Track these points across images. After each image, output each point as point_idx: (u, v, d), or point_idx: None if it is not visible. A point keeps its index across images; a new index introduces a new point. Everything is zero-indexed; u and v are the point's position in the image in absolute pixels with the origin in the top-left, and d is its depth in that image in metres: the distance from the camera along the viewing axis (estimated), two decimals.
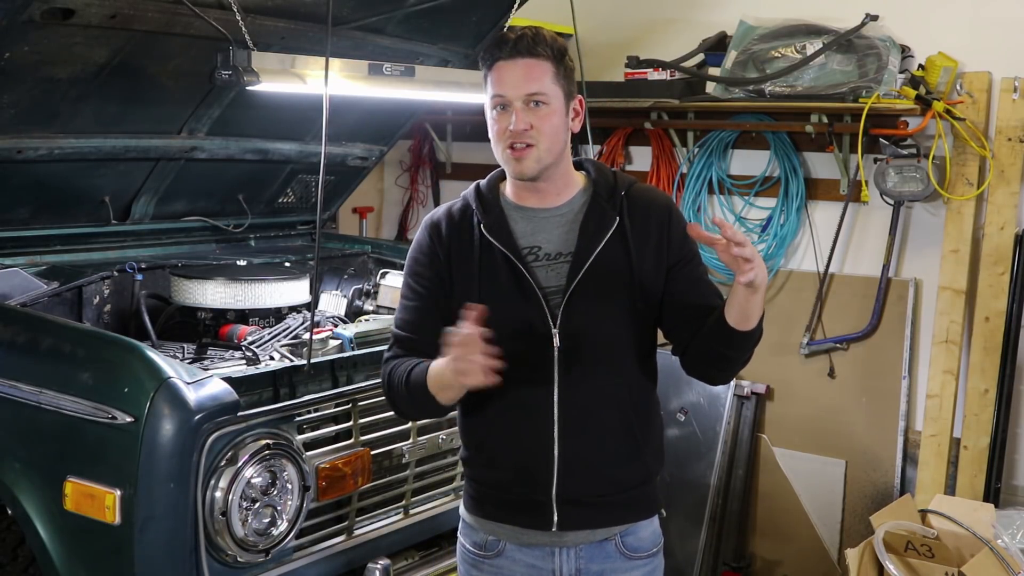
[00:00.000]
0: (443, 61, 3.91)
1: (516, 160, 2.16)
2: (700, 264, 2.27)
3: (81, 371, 2.54)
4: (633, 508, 2.26)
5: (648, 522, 2.29)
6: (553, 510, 2.20)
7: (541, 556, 2.23)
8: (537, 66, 2.15)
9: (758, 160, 4.47)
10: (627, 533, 2.25)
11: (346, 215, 5.09)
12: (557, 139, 2.17)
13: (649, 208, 2.24)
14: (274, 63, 3.09)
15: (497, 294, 2.18)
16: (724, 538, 4.40)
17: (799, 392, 4.40)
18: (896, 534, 3.53)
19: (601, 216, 2.21)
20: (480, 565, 2.29)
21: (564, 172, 2.24)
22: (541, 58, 2.16)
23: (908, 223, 4.22)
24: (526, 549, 2.24)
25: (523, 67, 2.15)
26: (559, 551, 2.22)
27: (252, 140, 3.78)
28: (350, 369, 2.90)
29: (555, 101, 2.17)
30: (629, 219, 2.21)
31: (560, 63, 2.18)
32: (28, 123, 3.10)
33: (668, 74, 4.39)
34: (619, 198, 2.23)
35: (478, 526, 2.30)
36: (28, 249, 3.34)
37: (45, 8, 2.71)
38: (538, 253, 2.20)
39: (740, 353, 2.19)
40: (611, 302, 2.18)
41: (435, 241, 2.26)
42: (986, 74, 4.01)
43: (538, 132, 2.14)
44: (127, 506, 2.38)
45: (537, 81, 2.15)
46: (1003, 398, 3.94)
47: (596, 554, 2.23)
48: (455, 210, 2.28)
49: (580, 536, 2.22)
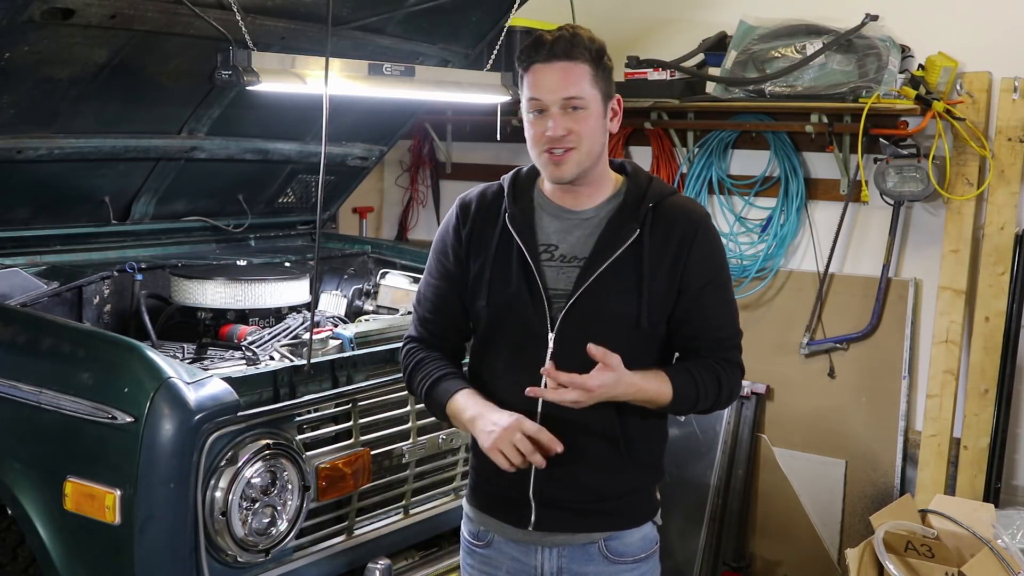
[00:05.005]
0: (443, 61, 3.91)
1: (555, 165, 2.14)
2: (719, 290, 2.19)
3: (81, 371, 2.54)
4: (615, 518, 2.22)
5: (636, 528, 2.25)
6: (531, 509, 2.19)
7: (524, 551, 2.24)
8: (575, 69, 2.12)
9: (758, 160, 4.47)
10: (612, 537, 2.22)
11: (346, 215, 5.09)
12: (596, 142, 2.16)
13: (674, 224, 2.17)
14: (274, 63, 3.08)
15: (505, 286, 2.18)
16: (724, 538, 4.40)
17: (799, 392, 4.40)
18: (896, 534, 3.53)
19: (623, 225, 2.16)
20: (473, 554, 2.32)
21: (600, 174, 2.21)
22: (579, 61, 2.12)
23: (908, 223, 4.22)
24: (512, 543, 2.25)
25: (560, 70, 2.11)
26: (541, 549, 2.22)
27: (252, 140, 3.78)
28: (350, 369, 2.89)
29: (593, 104, 2.14)
30: (650, 233, 2.15)
31: (599, 64, 2.14)
32: (28, 123, 3.10)
33: (668, 74, 4.39)
34: (645, 209, 2.17)
35: (472, 516, 2.33)
36: (28, 249, 3.34)
37: (45, 8, 2.71)
38: (553, 253, 2.19)
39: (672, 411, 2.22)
40: (613, 315, 2.14)
41: (460, 221, 2.27)
42: (986, 74, 4.01)
43: (577, 136, 2.12)
44: (127, 506, 2.38)
45: (575, 85, 2.11)
46: (1003, 398, 3.94)
47: (578, 555, 2.21)
48: (488, 193, 2.28)
49: (560, 538, 2.21)
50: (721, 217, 4.54)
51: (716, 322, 2.20)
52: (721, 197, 4.55)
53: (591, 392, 2.03)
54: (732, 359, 2.22)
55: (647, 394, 2.10)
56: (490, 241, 2.22)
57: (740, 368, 2.24)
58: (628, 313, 2.14)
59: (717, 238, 2.22)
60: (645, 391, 2.10)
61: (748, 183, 4.48)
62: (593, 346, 2.02)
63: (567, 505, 2.19)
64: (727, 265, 2.25)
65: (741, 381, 2.25)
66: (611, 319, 2.14)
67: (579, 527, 2.20)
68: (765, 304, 4.45)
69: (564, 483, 2.17)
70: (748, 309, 4.44)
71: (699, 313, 2.17)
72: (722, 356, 2.20)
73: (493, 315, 2.21)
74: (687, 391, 2.14)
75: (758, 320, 4.45)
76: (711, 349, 2.20)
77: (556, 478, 2.16)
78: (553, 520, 2.20)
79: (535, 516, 2.19)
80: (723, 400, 2.21)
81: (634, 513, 2.25)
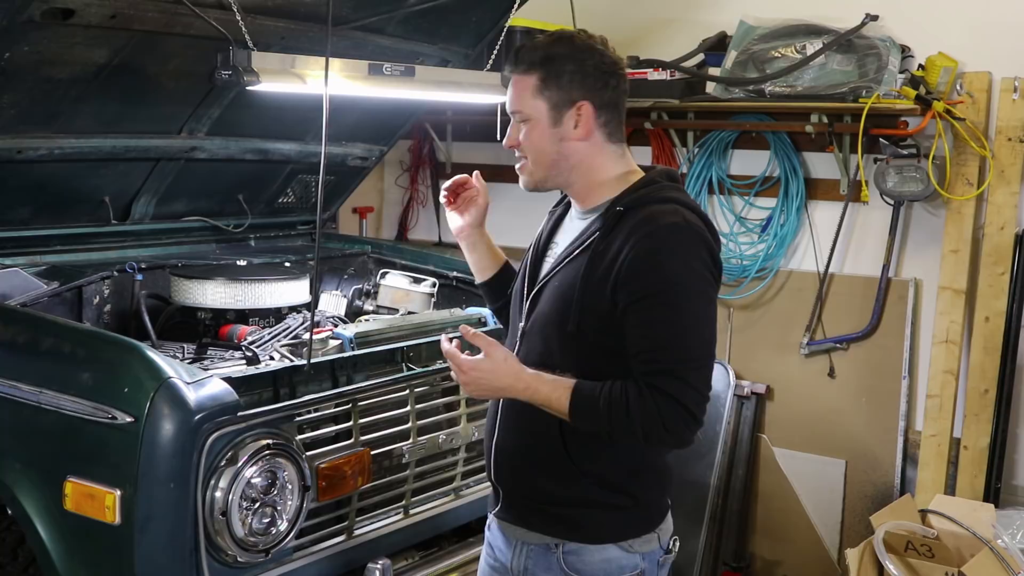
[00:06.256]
0: (443, 61, 3.91)
1: (519, 174, 2.23)
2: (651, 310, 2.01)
3: (81, 371, 2.53)
4: (566, 525, 2.17)
5: (597, 548, 2.16)
6: (499, 494, 2.28)
7: (505, 541, 2.28)
8: (520, 82, 2.18)
9: (758, 160, 4.47)
10: (570, 551, 2.16)
11: (346, 215, 5.09)
12: (543, 152, 2.18)
13: (629, 232, 2.06)
14: (274, 63, 3.08)
15: (519, 276, 2.33)
16: (724, 538, 4.40)
17: (799, 392, 4.40)
18: (896, 534, 3.53)
19: (590, 229, 2.16)
20: (485, 535, 2.40)
21: (586, 181, 2.19)
22: (525, 72, 2.17)
23: (908, 223, 4.22)
24: (499, 532, 2.30)
25: (514, 84, 2.20)
26: (514, 544, 2.24)
27: (252, 140, 3.78)
28: (350, 369, 2.89)
29: (537, 115, 2.15)
30: (607, 237, 2.09)
31: (549, 71, 2.13)
32: (28, 123, 3.10)
33: (668, 74, 4.39)
34: (612, 212, 2.11)
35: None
36: (28, 249, 3.33)
37: (45, 8, 2.71)
38: (555, 250, 2.26)
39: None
40: (552, 313, 2.15)
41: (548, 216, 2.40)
42: (986, 74, 4.01)
43: (524, 148, 2.20)
44: (127, 506, 2.38)
45: (517, 98, 2.18)
46: (1003, 398, 3.94)
47: (540, 560, 2.20)
48: None
49: (518, 532, 2.23)
50: (721, 217, 4.54)
51: (647, 342, 2.02)
52: (721, 197, 4.55)
53: (465, 373, 2.08)
54: (661, 387, 1.99)
55: (540, 396, 2.07)
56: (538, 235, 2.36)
57: (673, 399, 1.98)
58: (560, 314, 2.13)
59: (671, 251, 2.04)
60: (537, 392, 2.07)
61: (748, 183, 4.48)
62: (465, 327, 2.12)
63: (519, 500, 2.24)
64: (683, 283, 2.03)
65: (676, 415, 1.99)
66: (550, 317, 2.17)
67: (532, 525, 2.22)
68: (765, 304, 4.45)
69: (515, 476, 2.24)
70: (748, 309, 4.44)
71: (632, 330, 2.04)
72: (649, 382, 2.00)
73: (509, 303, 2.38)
74: (586, 404, 2.03)
75: (758, 320, 4.45)
76: (640, 371, 2.03)
77: (508, 469, 2.25)
78: (512, 511, 2.26)
79: (500, 502, 2.28)
80: (637, 428, 2.00)
81: (588, 527, 2.16)
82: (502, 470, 2.26)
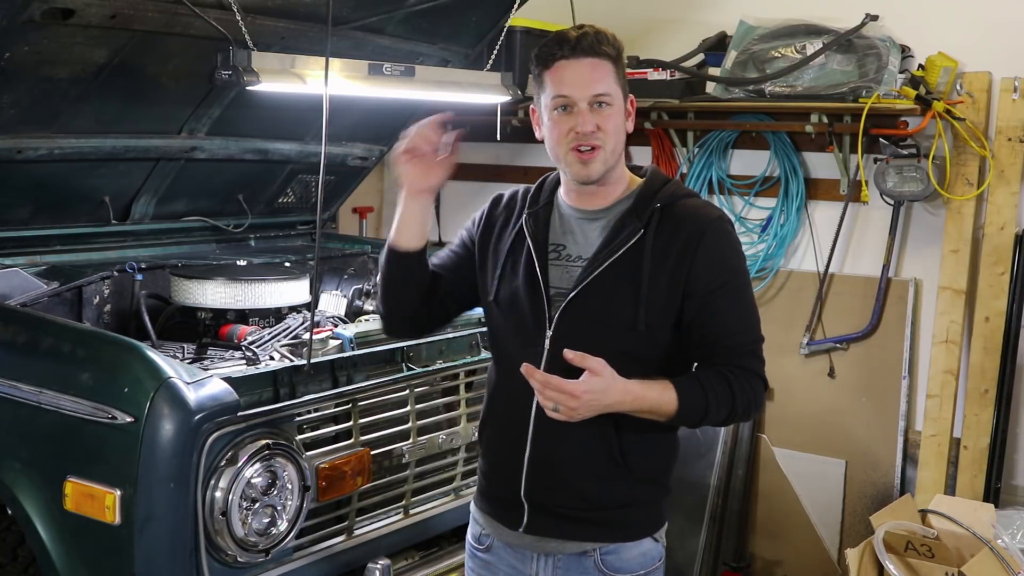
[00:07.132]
0: (443, 61, 3.91)
1: (582, 163, 2.10)
2: (730, 295, 2.10)
3: (81, 371, 2.54)
4: (608, 529, 2.15)
5: (636, 544, 2.17)
6: (523, 511, 2.17)
7: (521, 559, 2.20)
8: (601, 66, 2.11)
9: (758, 160, 4.47)
10: (609, 551, 2.15)
11: (346, 215, 5.09)
12: (620, 140, 2.14)
13: (681, 226, 2.10)
14: (274, 63, 3.09)
15: (511, 284, 2.19)
16: (724, 538, 4.40)
17: (799, 392, 4.40)
18: (896, 534, 3.53)
19: (628, 226, 2.12)
20: (475, 557, 2.32)
21: (619, 175, 2.19)
22: (604, 57, 2.11)
23: (908, 223, 4.22)
24: (510, 549, 2.22)
25: (588, 67, 2.10)
26: (537, 556, 2.18)
27: (252, 140, 3.78)
28: (350, 369, 2.89)
29: (618, 102, 2.12)
30: (655, 233, 2.10)
31: (619, 62, 2.14)
32: (28, 123, 3.10)
33: (668, 74, 4.39)
34: (652, 210, 2.12)
35: (476, 518, 2.32)
36: (28, 249, 3.33)
37: (45, 8, 2.71)
38: (561, 252, 2.17)
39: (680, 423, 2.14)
40: (609, 316, 2.09)
41: (488, 214, 2.31)
42: (986, 74, 4.01)
43: (604, 133, 2.09)
44: (127, 506, 2.38)
45: (602, 82, 2.10)
46: (1003, 398, 3.94)
47: (573, 567, 2.16)
48: (521, 193, 2.30)
49: (551, 545, 2.16)
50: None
51: (728, 328, 2.10)
52: (721, 197, 4.55)
53: (577, 398, 1.95)
54: (748, 367, 2.10)
55: (647, 403, 2.02)
56: (506, 237, 2.23)
57: (758, 376, 2.11)
58: (625, 315, 2.08)
59: (731, 241, 2.14)
60: (645, 400, 2.01)
61: (748, 183, 4.48)
62: (569, 351, 1.97)
63: (557, 510, 2.15)
64: (743, 270, 2.15)
65: (762, 391, 2.12)
66: (608, 320, 2.10)
67: (569, 534, 2.15)
68: (765, 304, 4.45)
69: (555, 487, 2.14)
70: None
71: (709, 318, 2.09)
72: (736, 364, 2.09)
73: (500, 312, 2.21)
74: (694, 401, 2.04)
75: None
76: (725, 356, 2.09)
77: (548, 481, 2.14)
78: (544, 524, 2.16)
79: (527, 518, 2.17)
80: (739, 411, 2.08)
81: (630, 527, 2.17)
82: (537, 484, 2.15)
